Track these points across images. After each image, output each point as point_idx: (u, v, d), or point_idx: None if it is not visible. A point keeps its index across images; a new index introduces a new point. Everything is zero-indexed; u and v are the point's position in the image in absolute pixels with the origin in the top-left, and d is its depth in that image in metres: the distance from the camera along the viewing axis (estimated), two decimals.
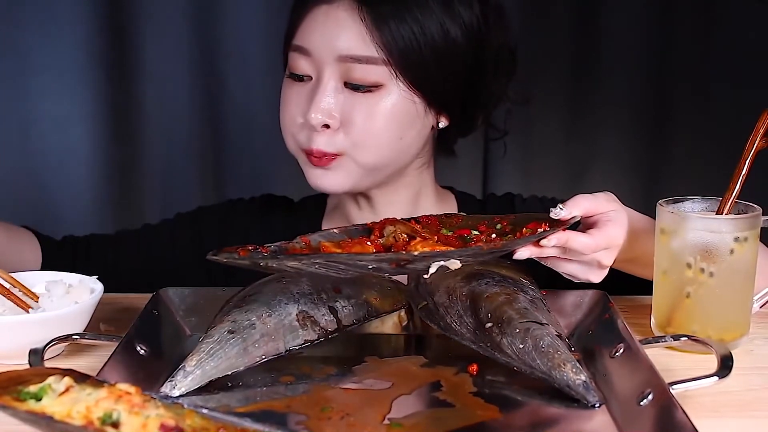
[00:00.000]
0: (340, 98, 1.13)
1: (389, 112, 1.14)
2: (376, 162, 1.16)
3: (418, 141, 1.20)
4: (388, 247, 0.95)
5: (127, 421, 0.71)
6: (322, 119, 1.13)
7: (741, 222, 1.00)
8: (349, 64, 1.12)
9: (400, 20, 1.11)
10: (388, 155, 1.17)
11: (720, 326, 1.02)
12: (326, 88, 1.13)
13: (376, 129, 1.14)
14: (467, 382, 0.93)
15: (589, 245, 0.95)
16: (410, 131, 1.17)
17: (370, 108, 1.13)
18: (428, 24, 1.12)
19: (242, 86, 1.97)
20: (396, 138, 1.15)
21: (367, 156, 1.15)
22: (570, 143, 2.05)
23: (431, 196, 1.30)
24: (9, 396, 0.73)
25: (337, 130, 1.14)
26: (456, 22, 1.14)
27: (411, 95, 1.14)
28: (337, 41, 1.12)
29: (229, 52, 1.96)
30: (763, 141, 1.02)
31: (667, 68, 1.99)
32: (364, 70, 1.12)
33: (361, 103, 1.13)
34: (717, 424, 0.84)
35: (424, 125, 1.18)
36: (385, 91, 1.13)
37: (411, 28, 1.11)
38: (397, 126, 1.15)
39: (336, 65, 1.12)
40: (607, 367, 0.95)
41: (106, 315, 1.08)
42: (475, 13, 1.16)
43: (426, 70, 1.13)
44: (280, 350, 0.94)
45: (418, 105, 1.16)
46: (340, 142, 1.14)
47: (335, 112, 1.13)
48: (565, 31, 2.00)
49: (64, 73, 1.93)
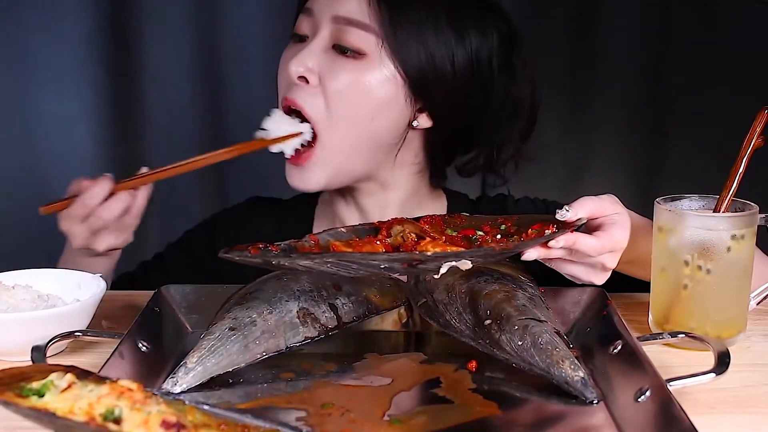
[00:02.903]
0: (325, 58, 1.15)
1: (367, 84, 1.15)
2: (345, 144, 1.17)
3: (391, 130, 1.19)
4: (396, 247, 0.95)
5: (129, 417, 0.72)
6: (299, 70, 1.15)
7: (738, 220, 1.01)
8: (342, 26, 1.14)
9: (400, 2, 1.13)
10: (357, 136, 1.17)
11: (717, 323, 1.02)
12: (314, 43, 1.16)
13: (351, 97, 1.15)
14: (466, 378, 0.93)
15: (596, 247, 0.95)
16: (384, 115, 1.17)
17: (350, 74, 1.14)
18: (428, 17, 1.14)
19: (243, 86, 1.97)
20: (368, 115, 1.16)
21: (337, 132, 1.16)
22: (568, 142, 2.05)
23: (424, 199, 1.30)
24: (12, 392, 0.73)
25: (314, 88, 1.15)
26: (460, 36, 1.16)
27: (395, 76, 1.15)
28: (336, 2, 1.15)
29: (231, 52, 1.96)
30: (759, 140, 1.03)
31: (665, 68, 1.99)
32: (355, 35, 1.14)
33: (344, 67, 1.15)
34: (714, 421, 0.85)
35: (401, 115, 1.18)
36: (368, 61, 1.14)
37: (409, 9, 1.14)
38: (371, 100, 1.15)
39: (330, 25, 1.15)
40: (605, 363, 0.95)
41: (108, 312, 1.08)
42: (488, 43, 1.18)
43: (409, 49, 1.14)
44: (280, 347, 0.95)
45: (399, 89, 1.16)
46: (313, 100, 1.15)
47: (315, 68, 1.15)
48: (563, 30, 2.00)
49: (66, 73, 1.94)
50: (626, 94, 2.02)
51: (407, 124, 1.20)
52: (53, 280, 1.08)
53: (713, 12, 1.96)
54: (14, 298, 1.02)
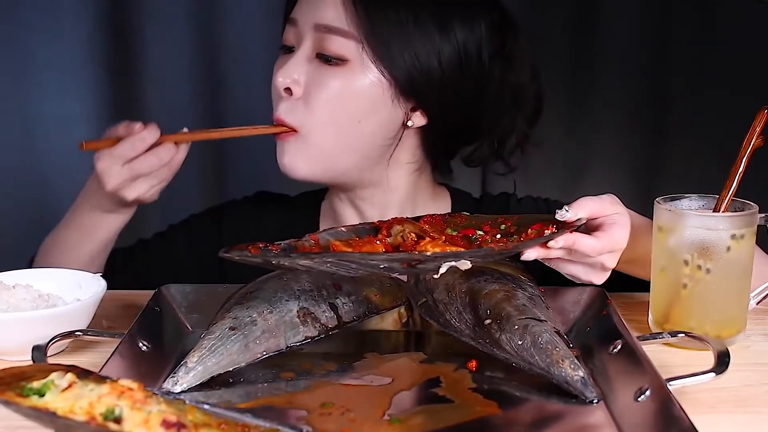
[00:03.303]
0: (309, 68, 1.16)
1: (352, 90, 1.15)
2: (330, 144, 1.17)
3: (382, 132, 1.19)
4: (396, 247, 0.95)
5: (129, 416, 0.72)
6: (284, 82, 1.16)
7: (738, 219, 1.01)
8: (324, 34, 1.14)
9: (379, 3, 1.13)
10: (344, 138, 1.17)
11: (717, 323, 1.02)
12: (298, 54, 1.16)
13: (335, 104, 1.15)
14: (466, 378, 0.94)
15: (595, 247, 0.95)
16: (372, 118, 1.17)
17: (334, 81, 1.14)
18: (409, 16, 1.13)
19: (243, 86, 1.97)
20: (354, 120, 1.16)
21: (321, 134, 1.16)
22: (568, 142, 2.05)
23: (426, 198, 1.30)
24: (12, 392, 0.73)
25: (299, 99, 1.16)
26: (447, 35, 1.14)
27: (380, 79, 1.15)
28: (316, 10, 1.15)
29: (230, 51, 1.96)
30: (759, 139, 1.03)
31: (665, 68, 2.00)
32: (336, 43, 1.14)
33: (327, 75, 1.15)
34: (714, 420, 0.85)
35: (390, 116, 1.18)
36: (351, 67, 1.14)
37: (389, 11, 1.13)
38: (356, 106, 1.15)
39: (312, 34, 1.15)
40: (605, 363, 0.95)
41: (108, 312, 1.08)
42: (476, 35, 1.17)
43: (391, 51, 1.14)
44: (280, 346, 0.95)
45: (386, 92, 1.16)
46: (299, 112, 1.16)
47: (300, 79, 1.16)
48: (562, 30, 2.00)
49: (66, 73, 1.94)
50: (626, 94, 2.02)
51: (401, 125, 1.20)
52: (53, 280, 1.08)
53: (713, 12, 1.96)
54: (15, 298, 1.02)
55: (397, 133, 1.20)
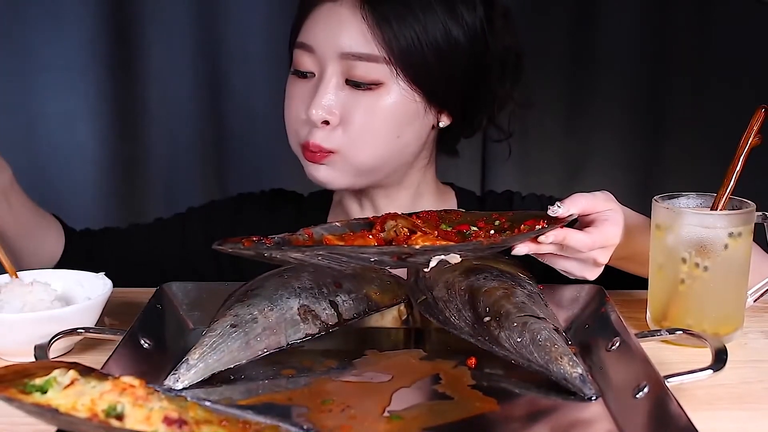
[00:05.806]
0: (341, 95, 1.14)
1: (389, 111, 1.15)
2: (370, 162, 1.17)
3: (417, 140, 1.20)
4: (389, 241, 0.95)
5: (131, 413, 0.72)
6: (322, 115, 1.14)
7: (735, 218, 1.01)
8: (351, 62, 1.13)
9: (402, 20, 1.12)
10: (385, 154, 1.17)
11: (715, 320, 1.03)
12: (328, 84, 1.14)
13: (375, 127, 1.15)
14: (466, 375, 0.94)
15: (586, 243, 0.96)
16: (409, 130, 1.17)
17: (369, 106, 1.14)
18: (430, 25, 1.13)
19: (245, 84, 1.97)
20: (393, 136, 1.16)
21: (361, 155, 1.16)
22: (567, 140, 2.05)
23: (432, 194, 1.31)
24: (15, 389, 0.74)
25: (336, 127, 1.15)
26: (458, 24, 1.15)
27: (412, 94, 1.15)
28: (339, 39, 1.13)
29: (232, 50, 1.96)
30: (756, 138, 1.03)
31: (663, 66, 2.00)
32: (365, 68, 1.13)
33: (361, 100, 1.14)
34: (711, 417, 0.85)
35: (423, 124, 1.19)
36: (385, 89, 1.14)
37: (413, 28, 1.12)
38: (395, 124, 1.15)
39: (338, 62, 1.13)
40: (603, 360, 0.96)
41: (110, 309, 1.08)
42: (478, 15, 1.17)
43: (427, 70, 1.14)
44: (281, 344, 0.96)
45: (418, 104, 1.16)
46: (337, 138, 1.15)
47: (335, 109, 1.14)
48: (561, 29, 2.00)
49: (69, 72, 1.94)
50: (625, 93, 2.02)
51: (431, 127, 1.21)
52: (59, 280, 1.09)
53: (713, 12, 1.96)
54: (32, 296, 1.02)
55: (428, 135, 1.22)
